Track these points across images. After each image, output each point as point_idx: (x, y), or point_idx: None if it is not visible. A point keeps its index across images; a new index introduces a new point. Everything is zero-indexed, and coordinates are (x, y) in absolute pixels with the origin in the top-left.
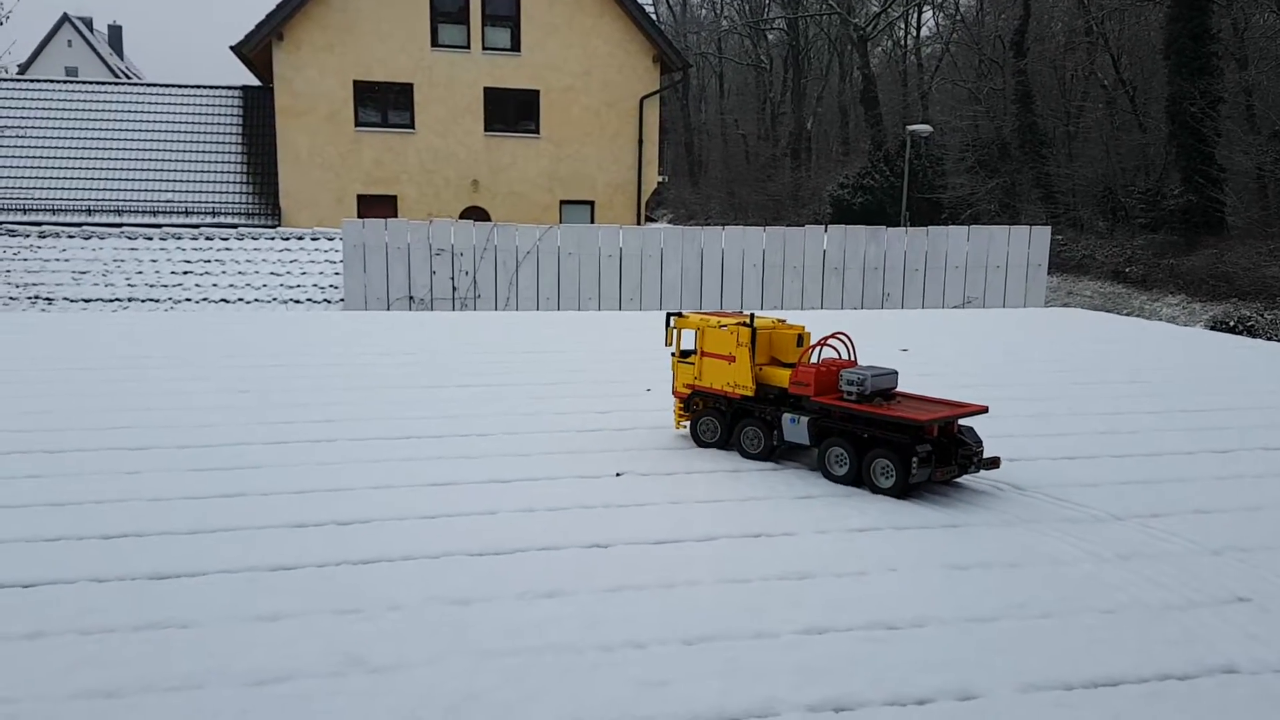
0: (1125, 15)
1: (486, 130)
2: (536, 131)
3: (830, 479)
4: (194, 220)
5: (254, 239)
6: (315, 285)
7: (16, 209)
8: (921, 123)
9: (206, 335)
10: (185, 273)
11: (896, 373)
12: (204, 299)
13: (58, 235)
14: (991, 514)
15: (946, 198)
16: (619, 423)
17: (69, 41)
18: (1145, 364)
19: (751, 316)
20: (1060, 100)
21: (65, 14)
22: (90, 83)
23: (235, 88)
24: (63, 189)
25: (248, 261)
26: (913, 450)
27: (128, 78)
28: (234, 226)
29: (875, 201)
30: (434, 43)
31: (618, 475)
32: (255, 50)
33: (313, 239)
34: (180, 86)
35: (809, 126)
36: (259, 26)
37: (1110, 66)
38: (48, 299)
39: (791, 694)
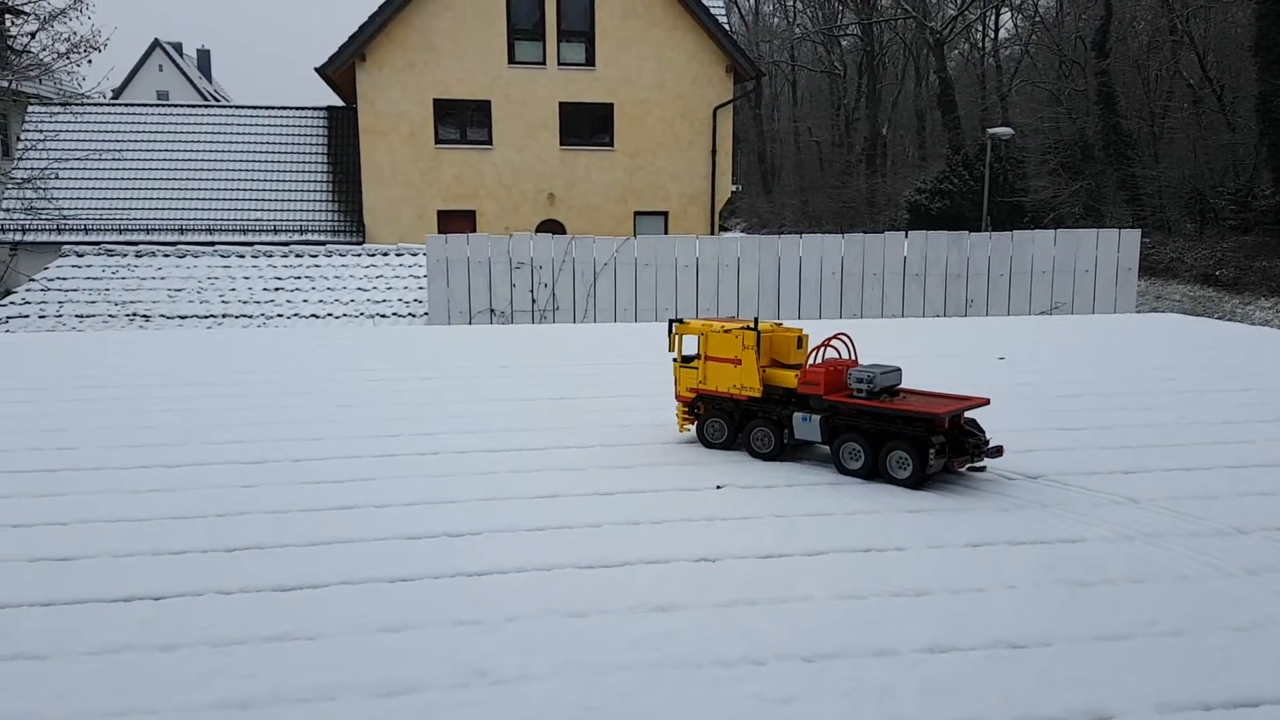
0: (1211, 13)
1: (562, 144)
2: (611, 144)
3: (844, 473)
4: (282, 238)
5: (341, 256)
6: (400, 300)
7: (113, 229)
8: (1001, 125)
9: (305, 350)
10: (276, 289)
11: (900, 370)
12: (294, 314)
13: (154, 254)
14: (1110, 528)
15: (1028, 201)
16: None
17: (160, 66)
18: (1255, 370)
19: (755, 320)
20: (1144, 100)
21: (156, 40)
22: (181, 106)
23: (320, 108)
24: (156, 209)
25: (335, 278)
26: (929, 442)
27: (216, 101)
28: (321, 244)
29: (954, 206)
30: (511, 60)
31: (719, 488)
32: (339, 71)
33: (397, 255)
34: (267, 108)
35: (884, 132)
36: (342, 48)
37: (1196, 65)
38: (145, 316)
39: (920, 713)
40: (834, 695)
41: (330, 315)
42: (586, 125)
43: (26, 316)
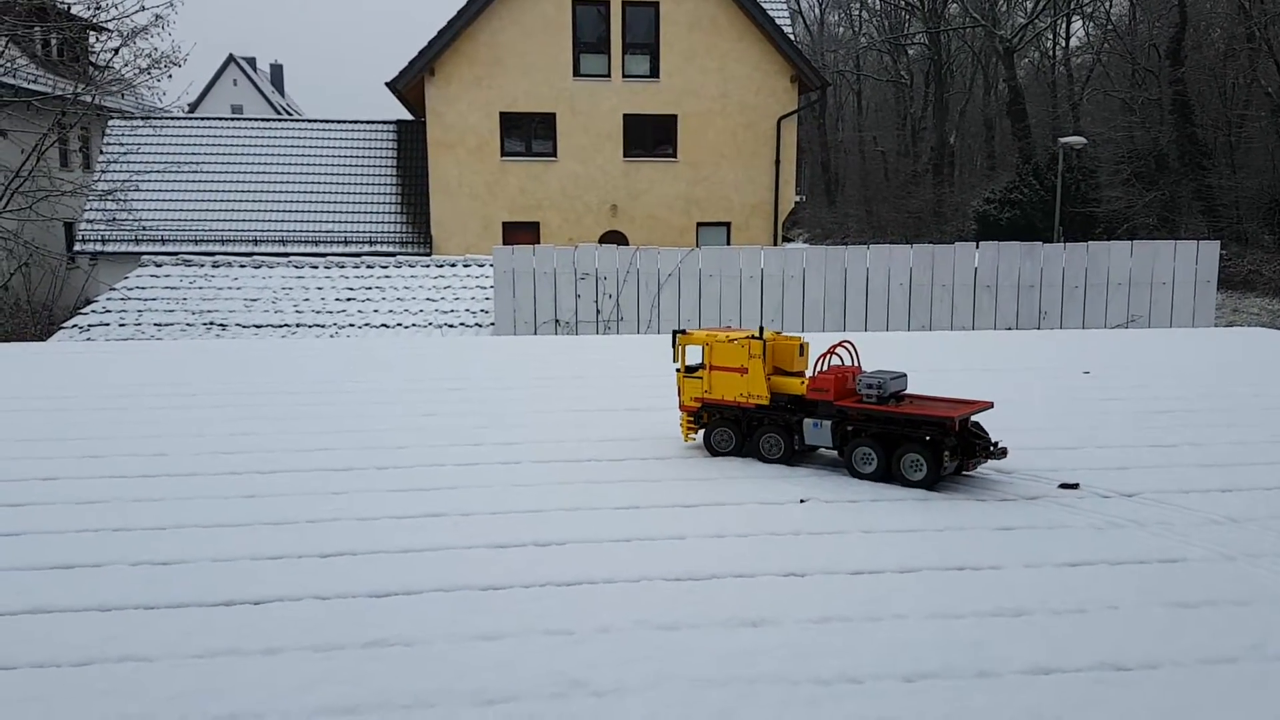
0: None
1: (625, 156)
2: (674, 155)
3: (857, 477)
4: (352, 249)
5: (410, 267)
6: (468, 310)
7: (189, 240)
8: (1072, 134)
9: (382, 358)
10: (348, 299)
11: (906, 375)
12: (365, 324)
13: (229, 265)
14: (1210, 548)
15: (1101, 212)
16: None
17: (234, 81)
18: None
19: (761, 330)
20: (1221, 109)
21: (231, 55)
22: (255, 120)
23: (390, 122)
24: (231, 220)
25: (405, 288)
26: (942, 445)
27: (289, 114)
28: (391, 255)
29: (1024, 217)
30: (576, 72)
31: (802, 502)
32: (409, 86)
33: (464, 266)
34: (338, 122)
35: (951, 141)
36: (412, 63)
37: (1275, 73)
38: (221, 325)
39: None
40: (936, 717)
41: (400, 325)
42: (650, 137)
43: (107, 325)
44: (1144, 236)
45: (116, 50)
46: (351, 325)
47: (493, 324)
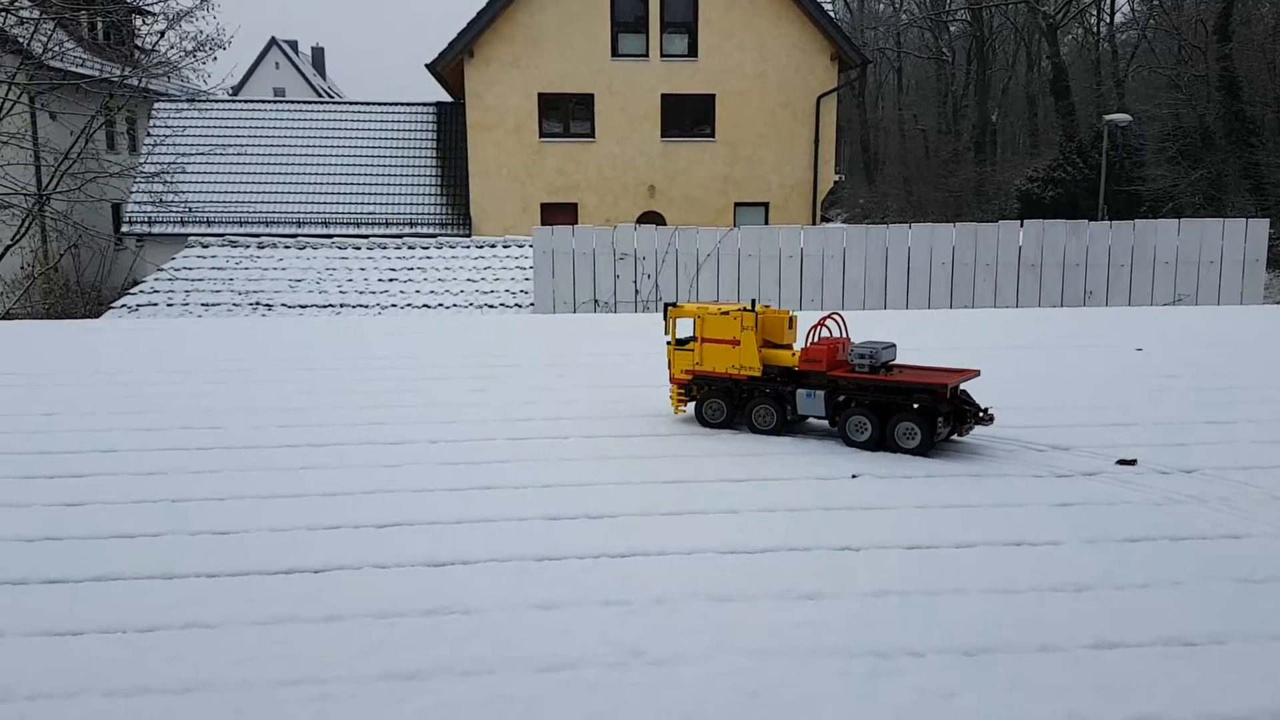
0: None
1: (663, 136)
2: (712, 135)
3: (851, 445)
4: (393, 230)
5: (451, 248)
6: (507, 290)
7: (233, 221)
8: (1117, 112)
9: (430, 335)
10: (390, 280)
11: (895, 345)
12: (408, 304)
13: (274, 246)
14: (1275, 525)
15: (1146, 190)
16: None
17: (276, 64)
18: None
19: (753, 302)
20: (1270, 86)
21: (273, 38)
22: (297, 102)
23: (429, 104)
24: (274, 202)
25: (446, 269)
26: (936, 411)
27: (330, 97)
28: (432, 236)
29: (1068, 195)
30: (614, 53)
31: (854, 477)
32: (448, 68)
33: (504, 246)
34: (379, 104)
35: (994, 119)
36: (451, 45)
37: None
38: (267, 305)
39: (1095, 711)
40: (999, 690)
41: (441, 305)
42: (688, 116)
43: (155, 305)
44: (1189, 215)
45: (162, 34)
46: (394, 305)
47: (532, 304)
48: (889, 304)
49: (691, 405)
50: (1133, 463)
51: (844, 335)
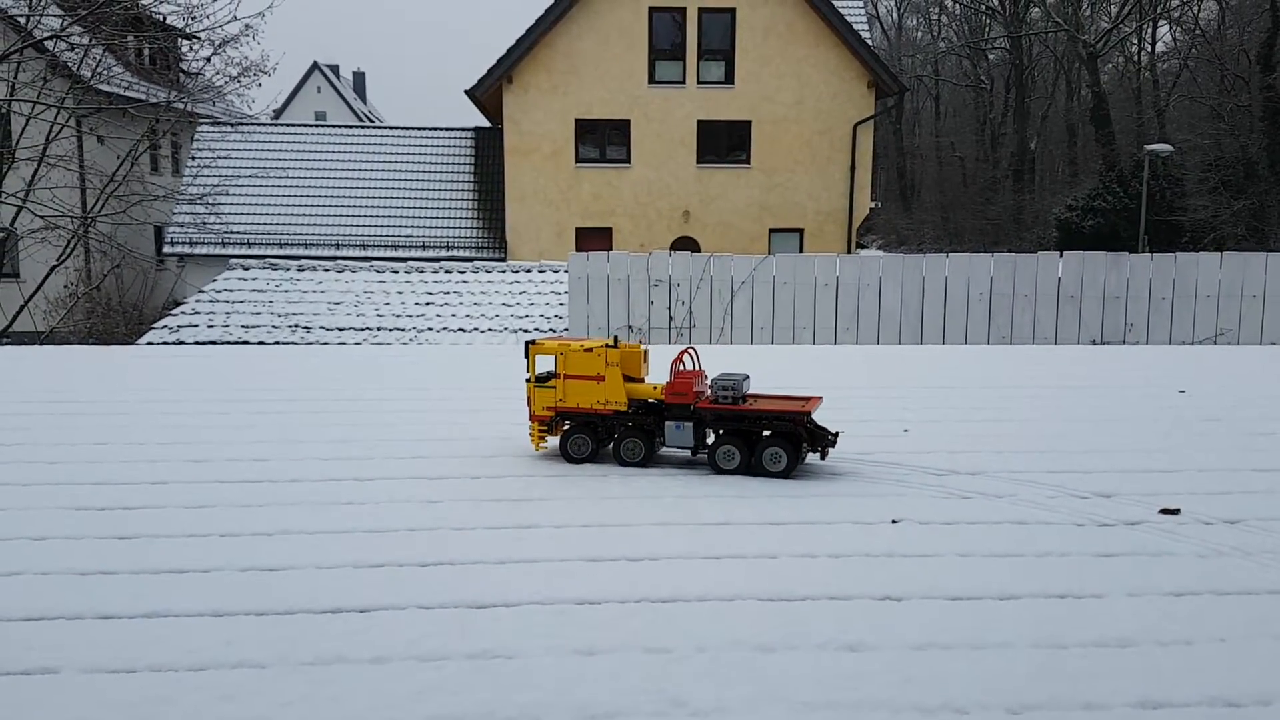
0: None
1: (698, 162)
2: (747, 161)
3: (720, 473)
4: (430, 253)
5: (487, 272)
6: (542, 315)
7: (273, 243)
8: (1158, 142)
9: (468, 365)
10: (427, 304)
11: (749, 376)
12: (444, 328)
13: (314, 269)
14: None
15: (1186, 221)
16: (884, 470)
17: (318, 88)
18: None
19: (615, 339)
20: None
21: (315, 62)
22: (338, 126)
23: (467, 129)
24: (313, 225)
25: (482, 293)
26: (800, 437)
27: (370, 121)
28: (467, 260)
29: (1107, 225)
30: (651, 79)
31: (894, 522)
32: (487, 93)
33: (539, 271)
34: (418, 129)
35: (1033, 147)
36: (490, 71)
37: None
38: (306, 328)
39: None
40: None
41: (476, 330)
42: (724, 143)
43: (196, 326)
44: (1231, 247)
45: (208, 59)
46: (430, 329)
47: (566, 330)
48: (925, 334)
49: (552, 441)
50: (1176, 512)
51: (699, 368)
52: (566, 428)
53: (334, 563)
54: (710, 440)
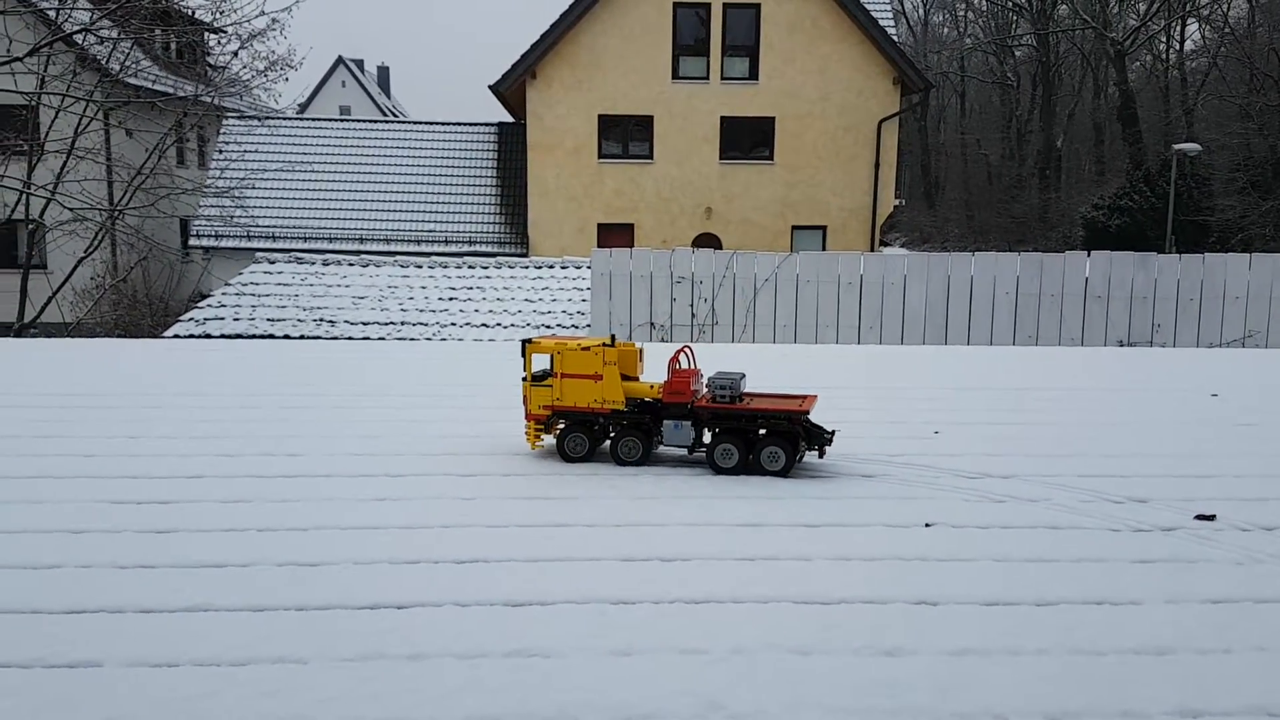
0: None
1: (721, 158)
2: (770, 158)
3: (719, 471)
4: (452, 248)
5: (510, 268)
6: (564, 311)
7: (298, 237)
8: (1186, 141)
9: (494, 362)
10: (450, 299)
11: (745, 375)
12: (467, 324)
13: (339, 263)
14: None
15: (1214, 221)
16: (916, 473)
17: (343, 82)
18: None
19: (613, 338)
20: None
21: (340, 57)
22: (362, 121)
23: (491, 124)
24: (337, 219)
25: (505, 289)
26: (798, 436)
27: (394, 116)
28: (490, 255)
29: (1134, 224)
30: (675, 75)
31: (928, 526)
32: (510, 89)
33: (561, 267)
34: (442, 124)
35: (1059, 145)
36: (514, 66)
37: None
38: (330, 321)
39: None
40: None
41: (499, 325)
42: (747, 139)
43: (222, 319)
44: (1260, 248)
45: (235, 53)
46: (453, 324)
47: (589, 326)
48: (950, 334)
49: (547, 439)
50: (1212, 518)
51: (694, 367)
52: (563, 426)
53: (370, 558)
54: (707, 439)
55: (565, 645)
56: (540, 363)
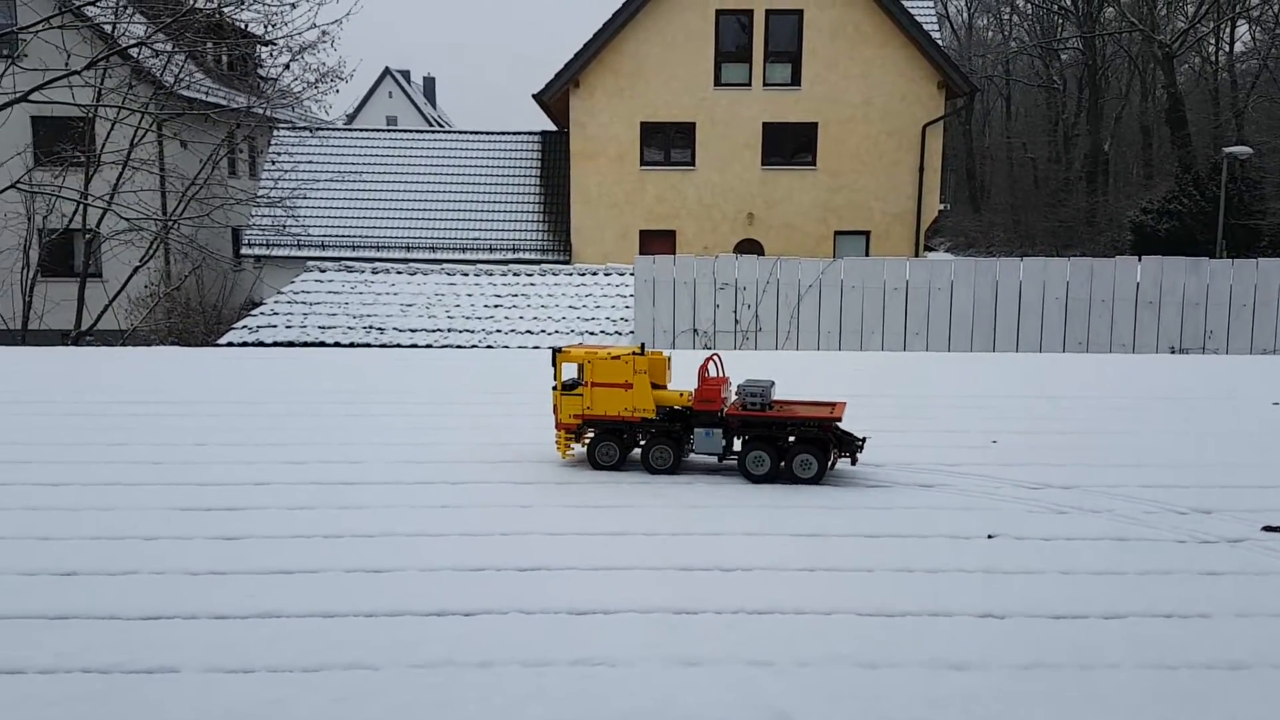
0: None
1: (763, 164)
2: (813, 163)
3: (750, 479)
4: (496, 256)
5: (554, 275)
6: (608, 318)
7: (346, 245)
8: (1236, 144)
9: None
10: (495, 306)
11: (775, 383)
12: (511, 330)
13: (388, 271)
14: None
15: (1265, 225)
16: (975, 483)
17: (390, 93)
18: None
19: (643, 347)
20: None
21: (387, 68)
22: (409, 131)
23: (534, 133)
24: (385, 227)
25: (549, 296)
26: (829, 443)
27: (440, 126)
28: (535, 262)
29: (1183, 228)
30: (717, 82)
31: (990, 538)
32: (554, 98)
33: (605, 274)
34: (487, 133)
35: (1106, 148)
36: (558, 75)
37: None
38: (379, 329)
39: None
40: None
41: (544, 332)
42: (789, 145)
43: (274, 326)
44: None
45: (287, 65)
46: (498, 331)
47: (632, 332)
48: (998, 340)
49: (577, 448)
50: (1279, 530)
51: (723, 375)
52: (592, 435)
53: (434, 565)
54: (737, 447)
55: (629, 654)
56: (569, 371)
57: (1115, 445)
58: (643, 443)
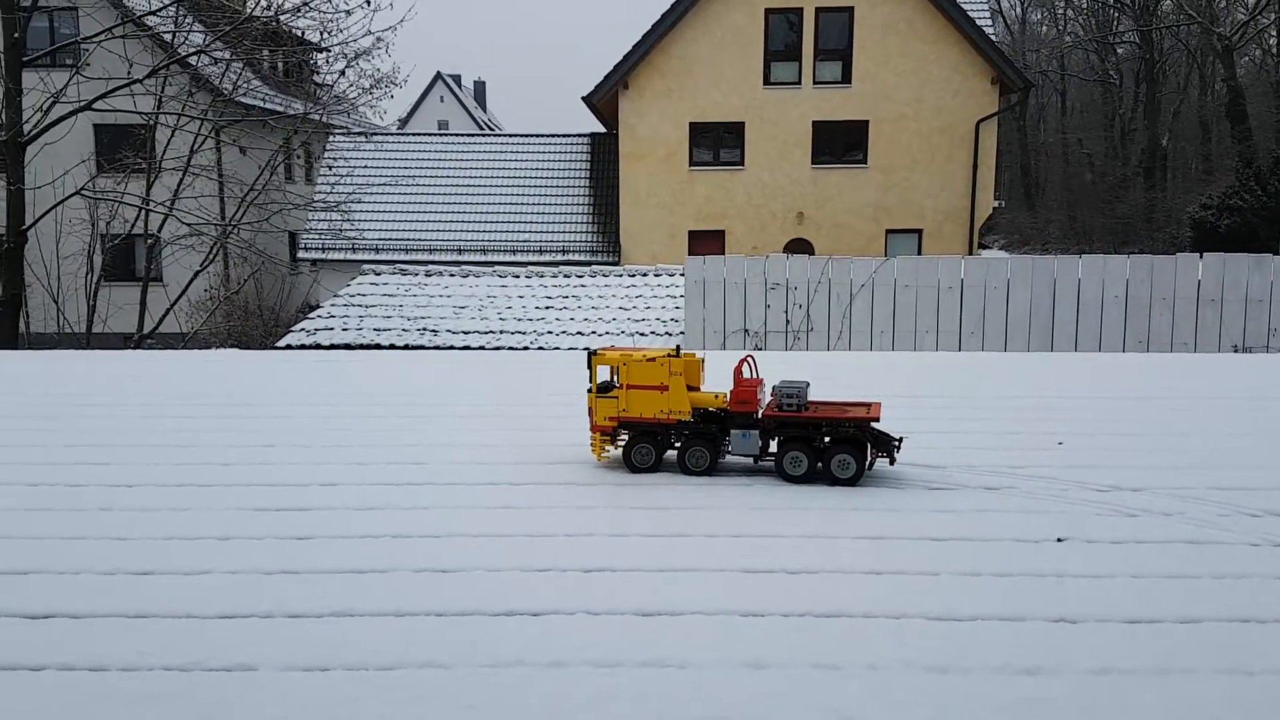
0: None
1: (813, 163)
2: (864, 161)
3: (788, 480)
4: (546, 258)
5: (604, 276)
6: (658, 319)
7: (399, 249)
8: None
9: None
10: (547, 308)
11: (810, 383)
12: (563, 331)
13: (440, 274)
14: None
15: None
16: (1042, 485)
17: (441, 98)
18: None
19: (678, 349)
20: None
21: (438, 73)
22: (460, 135)
23: (583, 135)
24: (437, 231)
25: (599, 297)
26: (867, 444)
27: (491, 129)
28: (585, 264)
29: (1245, 224)
30: (766, 81)
31: (1060, 540)
32: (603, 99)
33: (655, 275)
34: (536, 136)
35: (1164, 143)
36: (607, 77)
37: None
38: (433, 331)
39: None
40: None
41: (594, 333)
42: (840, 143)
43: (331, 329)
44: None
45: (342, 71)
46: (550, 333)
47: (683, 333)
48: (1056, 339)
49: (612, 450)
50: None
51: (757, 376)
52: (628, 437)
53: (501, 566)
54: (772, 448)
55: (698, 656)
56: (603, 374)
57: (1182, 446)
58: (678, 445)
